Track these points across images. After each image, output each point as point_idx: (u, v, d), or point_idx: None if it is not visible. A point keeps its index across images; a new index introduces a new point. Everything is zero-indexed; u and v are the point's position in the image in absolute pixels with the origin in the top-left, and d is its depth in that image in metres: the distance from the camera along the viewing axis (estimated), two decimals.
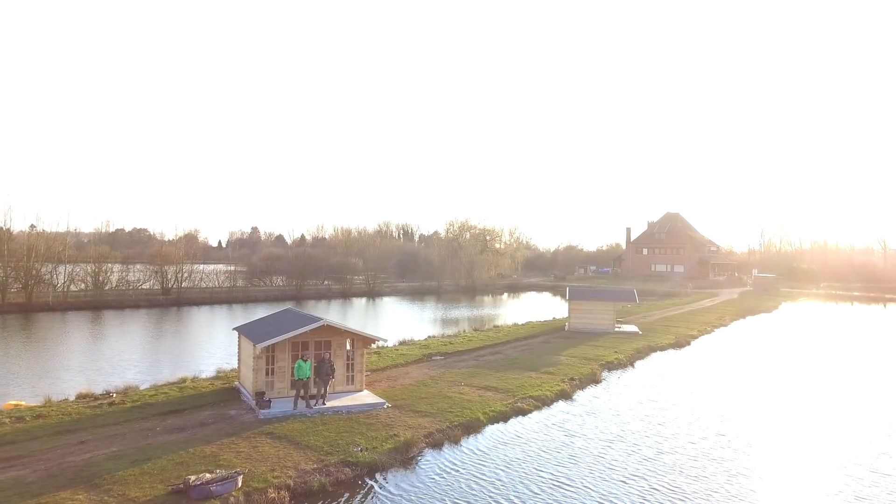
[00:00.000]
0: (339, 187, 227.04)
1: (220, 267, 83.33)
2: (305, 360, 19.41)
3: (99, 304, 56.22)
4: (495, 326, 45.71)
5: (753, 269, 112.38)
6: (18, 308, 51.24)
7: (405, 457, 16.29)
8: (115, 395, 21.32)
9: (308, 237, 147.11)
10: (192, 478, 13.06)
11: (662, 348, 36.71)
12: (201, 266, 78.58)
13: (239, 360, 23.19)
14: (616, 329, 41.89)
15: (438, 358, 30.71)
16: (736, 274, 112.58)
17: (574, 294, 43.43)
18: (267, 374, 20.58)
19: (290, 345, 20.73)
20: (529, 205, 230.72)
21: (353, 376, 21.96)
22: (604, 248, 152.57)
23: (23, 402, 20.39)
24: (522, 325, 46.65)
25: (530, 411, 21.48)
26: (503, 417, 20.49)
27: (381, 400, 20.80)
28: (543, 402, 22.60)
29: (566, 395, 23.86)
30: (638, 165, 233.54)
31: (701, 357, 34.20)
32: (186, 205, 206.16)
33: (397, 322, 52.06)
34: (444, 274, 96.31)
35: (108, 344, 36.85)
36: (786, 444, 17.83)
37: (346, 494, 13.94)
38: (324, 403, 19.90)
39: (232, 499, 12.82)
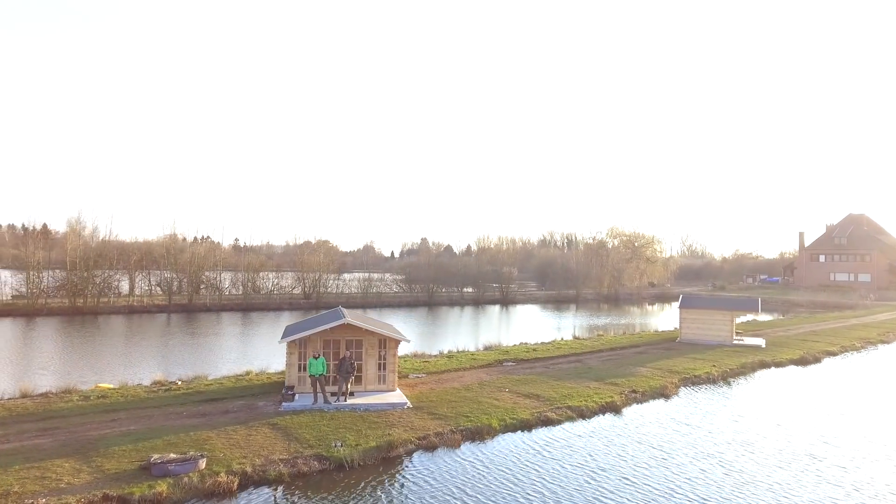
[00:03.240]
0: (512, 199, 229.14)
1: (367, 275, 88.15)
2: (317, 357, 20.09)
3: (248, 306, 62.87)
4: (598, 335, 43.30)
5: None
6: (182, 308, 59.10)
7: (385, 456, 16.16)
8: (179, 382, 23.78)
9: (474, 247, 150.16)
10: (155, 456, 14.23)
11: (780, 365, 32.17)
12: (346, 274, 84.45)
13: None
14: (735, 341, 37.53)
15: (509, 363, 29.96)
16: None
17: (686, 302, 39.69)
18: (300, 369, 21.64)
19: (322, 342, 21.61)
20: (704, 212, 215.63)
21: (384, 376, 22.26)
22: (787, 255, 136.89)
23: (108, 385, 23.53)
24: (632, 334, 43.77)
25: (560, 422, 20.07)
26: (524, 426, 19.39)
27: (404, 401, 20.81)
28: (580, 414, 20.99)
29: (614, 408, 21.93)
30: (817, 161, 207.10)
31: (820, 378, 29.35)
32: (366, 217, 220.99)
33: (516, 329, 51.58)
34: (586, 282, 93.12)
35: (226, 340, 41.10)
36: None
37: (298, 485, 14.20)
38: (345, 400, 20.45)
39: (186, 479, 13.73)
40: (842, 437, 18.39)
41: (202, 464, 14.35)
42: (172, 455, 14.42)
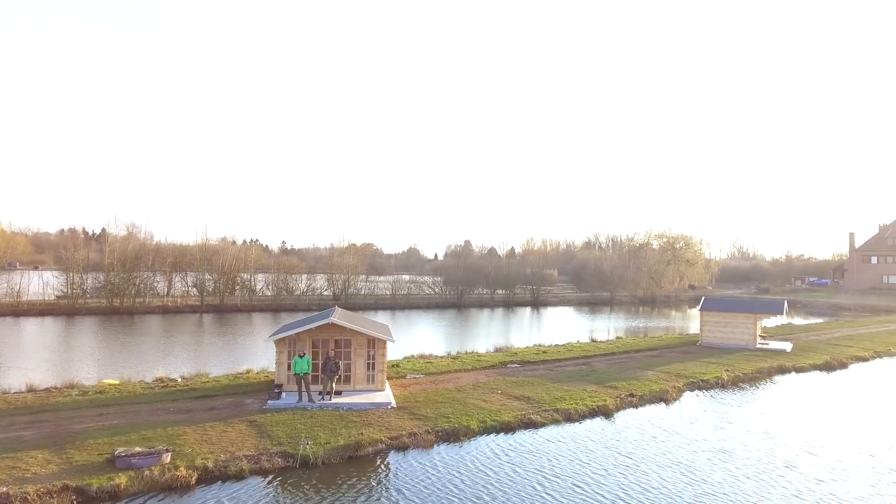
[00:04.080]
0: (560, 201, 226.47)
1: (396, 276, 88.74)
2: (302, 356, 20.32)
3: (278, 306, 64.15)
4: (617, 337, 42.39)
5: None
6: (213, 308, 60.78)
7: (352, 455, 16.13)
8: (179, 380, 24.44)
9: (518, 249, 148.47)
10: (120, 449, 14.66)
11: (801, 370, 30.78)
12: (379, 276, 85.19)
13: None
14: (759, 345, 36.17)
15: (514, 365, 29.67)
16: None
17: (707, 305, 38.44)
18: (289, 367, 21.92)
19: (311, 341, 21.87)
20: (757, 213, 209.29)
21: (373, 375, 22.34)
22: (840, 256, 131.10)
23: (112, 381, 24.37)
24: (652, 337, 42.70)
25: (543, 425, 19.67)
26: (505, 428, 19.05)
27: (389, 401, 20.83)
28: (568, 417, 20.53)
29: (605, 412, 21.36)
30: (871, 159, 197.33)
31: (840, 384, 27.89)
32: (412, 220, 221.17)
33: (539, 331, 51.04)
34: (622, 284, 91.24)
35: (245, 339, 42.01)
36: None
37: (257, 481, 14.35)
38: (330, 399, 20.62)
39: (147, 472, 14.08)
40: (829, 446, 17.34)
41: (166, 458, 14.68)
42: (138, 449, 14.82)
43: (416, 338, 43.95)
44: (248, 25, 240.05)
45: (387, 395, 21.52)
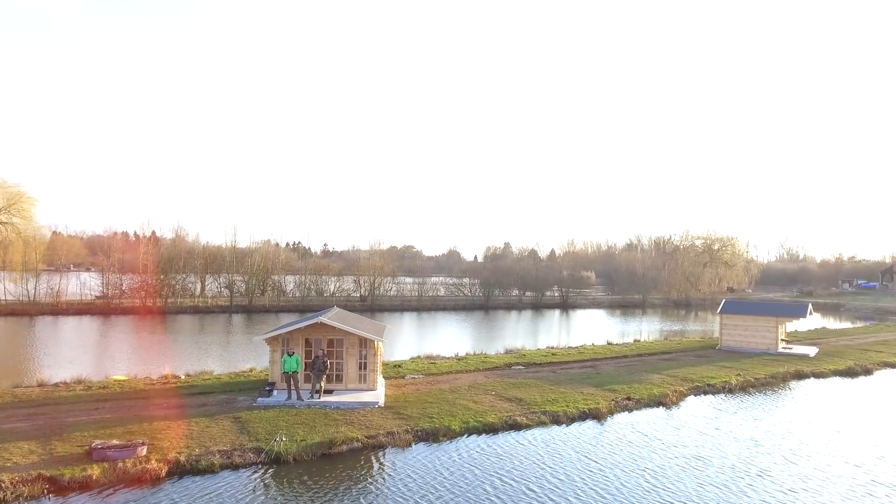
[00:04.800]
0: (606, 202, 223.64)
1: (422, 279, 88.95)
2: (291, 355, 20.67)
3: (305, 307, 65.19)
4: (635, 340, 41.59)
5: None
6: (242, 309, 62.27)
7: (325, 452, 16.31)
8: (183, 377, 25.18)
9: (558, 251, 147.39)
10: (96, 442, 15.20)
11: (820, 375, 29.61)
12: (407, 278, 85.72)
13: None
14: (782, 349, 35.04)
15: (518, 367, 29.51)
16: None
17: (727, 307, 37.40)
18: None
19: (304, 340, 22.25)
20: (811, 214, 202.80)
21: (365, 375, 22.54)
22: (894, 258, 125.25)
23: (120, 377, 25.29)
24: (672, 340, 41.81)
25: (529, 427, 19.49)
26: (488, 430, 18.96)
27: (376, 400, 20.98)
28: (556, 420, 20.29)
29: (597, 415, 20.97)
30: None
31: (857, 391, 26.70)
32: (454, 224, 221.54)
33: (560, 334, 50.50)
34: (656, 286, 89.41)
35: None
36: None
37: (226, 475, 14.67)
38: (319, 397, 20.92)
39: (120, 464, 14.58)
40: (815, 455, 16.55)
41: (142, 451, 15.16)
42: (115, 441, 15.35)
43: (436, 339, 44.14)
44: (297, 34, 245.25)
45: (376, 395, 21.68)
